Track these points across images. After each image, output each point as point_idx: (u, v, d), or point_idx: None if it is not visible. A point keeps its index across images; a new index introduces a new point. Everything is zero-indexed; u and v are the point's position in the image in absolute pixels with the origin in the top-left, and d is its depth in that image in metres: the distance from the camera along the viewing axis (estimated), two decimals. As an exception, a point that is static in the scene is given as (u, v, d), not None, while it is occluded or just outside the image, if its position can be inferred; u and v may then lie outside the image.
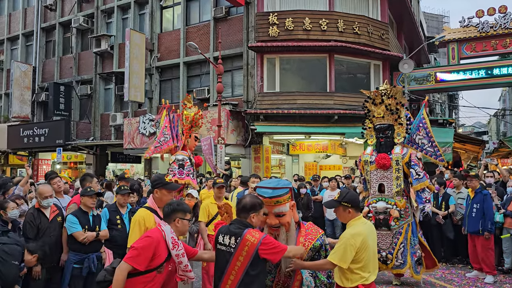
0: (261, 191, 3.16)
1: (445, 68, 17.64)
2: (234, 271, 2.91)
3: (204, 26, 16.84)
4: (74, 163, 22.05)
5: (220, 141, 12.66)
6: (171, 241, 3.11)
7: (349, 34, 14.98)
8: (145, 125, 16.02)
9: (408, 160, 6.02)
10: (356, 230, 3.24)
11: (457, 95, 42.57)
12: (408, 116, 6.41)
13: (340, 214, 3.41)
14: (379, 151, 6.19)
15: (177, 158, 6.56)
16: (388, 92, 6.19)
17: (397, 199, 6.02)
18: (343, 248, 3.14)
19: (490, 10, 17.66)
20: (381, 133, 6.20)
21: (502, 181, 8.48)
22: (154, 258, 3.03)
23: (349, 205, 3.31)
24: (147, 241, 3.04)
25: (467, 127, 57.88)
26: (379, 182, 6.17)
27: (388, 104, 6.16)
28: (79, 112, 20.55)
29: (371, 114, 6.36)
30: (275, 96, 15.04)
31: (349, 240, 3.16)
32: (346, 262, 3.13)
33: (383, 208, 5.98)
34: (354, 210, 3.34)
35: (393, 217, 5.96)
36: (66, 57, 21.08)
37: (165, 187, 3.75)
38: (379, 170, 6.13)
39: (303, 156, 17.60)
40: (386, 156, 6.04)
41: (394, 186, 6.03)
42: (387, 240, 5.96)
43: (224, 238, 3.01)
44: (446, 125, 15.72)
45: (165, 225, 3.19)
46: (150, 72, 17.89)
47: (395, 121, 6.19)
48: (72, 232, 4.61)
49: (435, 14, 47.74)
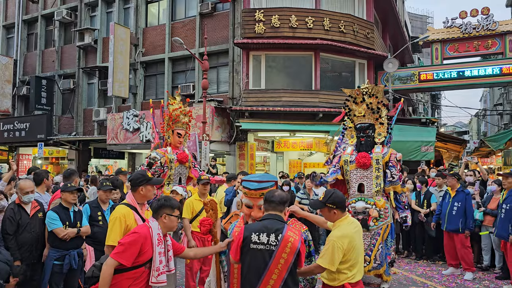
0: (247, 183, 3.15)
1: (428, 68, 17.89)
2: (277, 270, 2.76)
3: (190, 22, 16.71)
4: (56, 158, 21.70)
5: (204, 137, 12.60)
6: (157, 237, 3.09)
7: (335, 32, 15.05)
8: (129, 121, 15.85)
9: (388, 160, 5.98)
10: (342, 232, 3.24)
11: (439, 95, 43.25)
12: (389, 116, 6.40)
13: (326, 215, 3.40)
14: (360, 151, 6.10)
15: (151, 155, 6.58)
16: (370, 91, 6.12)
17: (377, 199, 5.96)
18: (331, 252, 3.14)
19: (473, 11, 17.97)
20: (362, 132, 6.13)
21: (482, 179, 8.65)
22: (141, 254, 3.01)
23: (334, 206, 3.31)
24: (133, 236, 3.02)
25: (449, 126, 58.87)
26: (358, 181, 6.10)
27: (369, 103, 6.09)
28: (61, 107, 20.21)
29: (352, 113, 6.29)
30: (261, 93, 15.03)
31: (336, 242, 3.16)
32: (334, 265, 3.14)
33: (362, 208, 5.90)
34: (340, 211, 3.33)
35: (372, 217, 5.88)
36: (49, 51, 20.69)
37: (149, 183, 3.70)
38: (359, 169, 6.04)
39: (288, 153, 17.64)
40: (367, 155, 5.96)
41: (374, 185, 5.97)
42: (365, 241, 5.82)
43: (261, 236, 2.80)
44: (429, 124, 15.91)
45: (153, 221, 3.16)
46: (134, 67, 17.68)
47: (376, 121, 6.14)
48: (52, 228, 4.54)
49: (420, 15, 48.35)
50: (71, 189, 4.73)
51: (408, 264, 8.05)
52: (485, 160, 22.15)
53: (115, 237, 3.38)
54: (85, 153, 19.35)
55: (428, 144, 13.27)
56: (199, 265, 5.67)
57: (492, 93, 47.56)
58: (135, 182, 3.69)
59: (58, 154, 21.21)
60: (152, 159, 6.66)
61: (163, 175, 6.75)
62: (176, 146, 7.16)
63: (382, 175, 5.99)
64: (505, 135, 16.30)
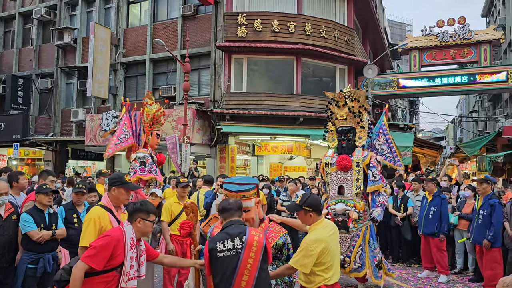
0: (228, 186, 3.18)
1: (407, 74, 18.27)
2: (247, 270, 2.82)
3: (172, 23, 16.63)
4: (32, 159, 21.22)
5: (185, 140, 12.54)
6: (129, 241, 3.02)
7: (316, 37, 15.21)
8: (108, 122, 15.63)
9: (369, 162, 6.06)
10: (316, 236, 3.27)
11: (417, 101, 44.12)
12: (370, 120, 6.49)
13: (302, 218, 3.43)
14: (340, 153, 6.19)
15: (137, 155, 6.48)
16: (352, 95, 6.20)
17: (356, 201, 6.03)
18: (303, 255, 3.18)
19: (450, 20, 18.45)
20: (343, 135, 6.21)
21: (457, 182, 8.85)
22: (113, 257, 2.95)
23: (310, 209, 3.34)
24: (106, 240, 2.96)
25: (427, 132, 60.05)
26: (339, 184, 6.16)
27: (351, 107, 6.17)
28: (38, 107, 19.80)
29: (334, 116, 6.36)
30: (242, 96, 15.06)
31: (310, 246, 3.19)
32: (307, 267, 3.18)
33: (342, 210, 5.96)
34: (316, 214, 3.37)
35: (351, 219, 5.93)
36: (26, 49, 20.26)
37: (123, 185, 3.66)
38: (339, 172, 6.13)
39: (268, 157, 17.71)
40: (347, 158, 6.04)
41: (354, 188, 6.05)
42: (345, 242, 5.89)
43: (225, 243, 2.85)
44: (407, 130, 16.25)
45: (128, 225, 3.11)
46: (115, 67, 17.47)
47: (357, 124, 6.21)
48: (26, 231, 4.43)
49: (399, 22, 49.27)
50: (46, 191, 4.63)
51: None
52: (460, 166, 22.68)
53: (89, 239, 3.32)
54: (63, 154, 18.98)
55: (406, 149, 13.53)
56: (177, 268, 5.63)
57: (468, 100, 48.81)
58: (110, 182, 3.68)
59: (35, 155, 20.75)
60: (143, 158, 6.55)
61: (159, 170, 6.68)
62: (153, 148, 7.11)
63: (362, 178, 6.07)
64: (479, 141, 16.78)
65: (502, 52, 29.02)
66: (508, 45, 26.91)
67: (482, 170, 14.81)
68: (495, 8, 32.88)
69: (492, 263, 6.17)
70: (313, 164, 17.68)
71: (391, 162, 6.47)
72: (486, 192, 6.40)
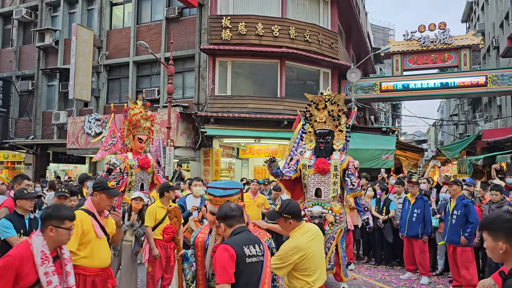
0: (212, 190, 3.14)
1: (389, 78, 18.51)
2: (266, 279, 2.76)
3: (155, 26, 16.53)
4: (12, 162, 20.76)
5: (169, 143, 12.46)
6: (40, 255, 2.70)
7: (300, 41, 15.32)
8: (91, 125, 15.44)
9: (346, 167, 6.12)
10: (294, 243, 3.27)
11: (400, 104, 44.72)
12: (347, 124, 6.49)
13: (282, 225, 3.43)
14: (318, 156, 6.20)
15: (110, 161, 6.49)
16: (332, 98, 6.24)
17: (333, 204, 6.07)
18: (280, 260, 3.21)
19: (431, 25, 18.78)
20: (322, 138, 6.23)
21: (438, 184, 9.01)
22: (20, 278, 2.64)
23: (289, 216, 3.33)
24: (6, 261, 2.63)
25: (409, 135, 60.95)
26: (316, 186, 6.18)
27: (330, 110, 6.20)
28: (18, 109, 19.43)
29: (313, 118, 6.37)
30: (226, 99, 15.05)
31: (286, 253, 3.22)
32: (281, 272, 3.23)
33: (319, 213, 5.99)
34: (295, 221, 3.36)
35: (328, 222, 5.98)
36: (6, 50, 19.87)
37: (105, 191, 3.63)
38: (317, 174, 6.14)
39: (253, 160, 17.71)
40: (326, 161, 6.07)
41: (331, 191, 6.07)
42: None
43: (251, 248, 2.72)
44: (389, 133, 16.46)
45: (37, 236, 2.77)
46: (97, 70, 17.27)
47: (335, 128, 6.27)
48: (5, 237, 4.33)
49: (382, 27, 49.96)
50: (28, 196, 4.54)
51: (368, 270, 8.25)
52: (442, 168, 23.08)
53: (72, 243, 3.27)
54: (44, 157, 18.66)
55: (388, 153, 13.71)
56: (161, 273, 5.58)
57: (449, 104, 49.71)
58: (93, 186, 3.68)
59: (14, 158, 20.31)
60: (112, 165, 6.57)
61: (122, 182, 6.64)
62: (137, 152, 7.06)
63: (339, 182, 6.11)
64: (460, 144, 17.12)
65: (481, 57, 29.67)
66: (487, 50, 27.54)
67: (463, 173, 15.13)
68: (475, 14, 33.62)
69: (466, 262, 6.38)
70: (297, 167, 17.76)
71: None
72: (457, 193, 6.63)
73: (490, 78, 16.39)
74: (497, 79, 16.32)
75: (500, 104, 23.68)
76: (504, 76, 16.30)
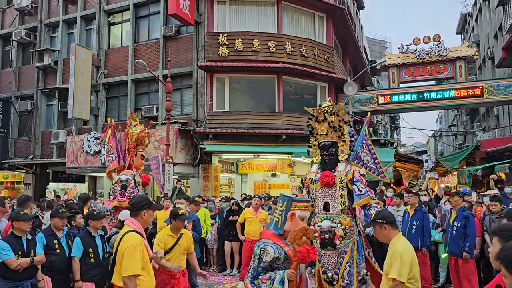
0: (300, 198, 3.75)
1: (386, 91, 18.64)
2: None
3: (153, 44, 16.71)
4: (12, 182, 20.76)
5: (168, 160, 12.48)
6: None
7: (297, 56, 15.47)
8: (90, 143, 15.48)
9: (352, 177, 5.91)
10: (404, 245, 3.77)
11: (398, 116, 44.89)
12: (352, 133, 6.36)
13: (378, 232, 3.82)
14: (324, 169, 6.04)
15: (120, 178, 6.45)
16: (331, 109, 6.11)
17: (342, 217, 5.85)
18: (400, 264, 3.56)
19: (426, 38, 18.99)
20: (325, 150, 6.08)
21: (437, 195, 9.00)
22: None
23: (383, 221, 3.72)
24: None
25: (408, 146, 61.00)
26: (324, 200, 6.02)
27: (330, 121, 6.07)
28: (18, 129, 19.51)
29: (315, 131, 6.24)
30: (224, 115, 15.13)
31: (403, 254, 3.62)
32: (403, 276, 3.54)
33: (328, 227, 5.80)
34: (390, 227, 3.78)
35: (338, 235, 5.78)
36: (5, 71, 20.05)
37: (151, 207, 3.64)
38: (324, 188, 5.97)
39: (252, 175, 17.71)
40: (330, 174, 5.92)
41: (338, 204, 5.89)
42: (332, 260, 5.74)
43: None
44: (388, 145, 16.51)
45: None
46: (96, 88, 17.40)
47: (338, 138, 6.08)
48: (3, 259, 4.32)
49: (378, 40, 50.51)
50: (25, 217, 4.54)
51: (369, 283, 8.18)
52: (442, 179, 23.07)
53: (138, 266, 3.26)
54: (43, 177, 18.66)
55: (387, 165, 13.71)
56: None
57: (447, 115, 49.91)
58: (138, 206, 3.53)
59: (14, 178, 20.31)
60: (125, 181, 6.54)
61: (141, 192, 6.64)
62: (138, 168, 7.10)
63: (346, 193, 5.92)
64: (458, 155, 17.13)
65: (477, 68, 29.91)
66: (482, 61, 27.78)
67: (462, 183, 15.10)
68: (469, 25, 34.01)
69: (469, 275, 6.36)
70: (297, 181, 17.75)
71: (374, 173, 6.41)
72: (458, 204, 6.62)
73: (486, 89, 16.51)
74: (493, 89, 16.44)
75: (498, 114, 23.78)
76: (500, 87, 16.42)
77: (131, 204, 3.59)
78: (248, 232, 8.19)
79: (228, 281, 8.58)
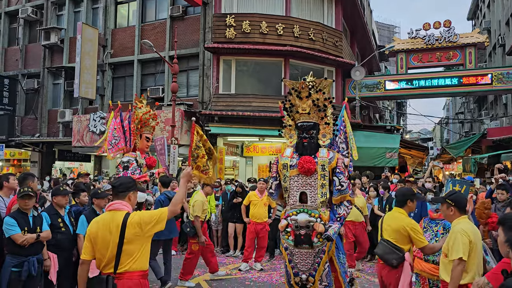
0: None
1: (393, 77, 18.45)
2: None
3: (160, 24, 16.59)
4: (18, 160, 20.95)
5: (173, 141, 12.52)
6: None
7: (304, 39, 15.31)
8: (96, 123, 15.54)
9: (335, 165, 4.99)
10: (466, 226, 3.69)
11: (405, 102, 44.58)
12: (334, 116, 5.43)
13: (444, 211, 3.86)
14: (301, 154, 5.01)
15: (122, 160, 6.47)
16: (317, 85, 5.09)
17: (322, 211, 4.87)
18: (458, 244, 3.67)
19: (436, 23, 18.69)
20: (305, 132, 5.06)
21: (441, 184, 8.99)
22: None
23: (452, 203, 3.73)
24: None
25: (414, 133, 60.71)
26: (300, 190, 4.97)
27: (315, 99, 5.07)
28: (24, 107, 19.60)
29: (295, 109, 5.20)
30: (230, 98, 15.08)
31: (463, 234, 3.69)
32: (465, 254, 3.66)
33: (305, 222, 4.79)
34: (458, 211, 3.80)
35: (316, 232, 4.78)
36: (12, 49, 20.03)
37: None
38: (301, 176, 4.96)
39: (257, 158, 17.75)
40: (312, 160, 4.90)
41: (319, 195, 4.89)
42: (308, 259, 4.80)
43: None
44: (394, 132, 16.42)
45: None
46: (102, 68, 17.36)
47: (321, 120, 5.14)
48: (10, 234, 4.39)
49: (387, 24, 49.78)
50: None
51: (371, 268, 8.27)
52: (447, 166, 23.01)
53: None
54: (49, 155, 18.81)
55: (393, 151, 13.70)
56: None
57: (454, 102, 49.48)
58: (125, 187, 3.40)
59: (21, 156, 20.50)
60: (127, 162, 6.54)
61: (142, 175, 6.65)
62: (143, 151, 7.11)
63: (328, 184, 5.00)
64: (465, 143, 17.05)
65: (487, 55, 29.48)
66: (493, 48, 27.36)
67: (467, 171, 15.06)
68: (481, 11, 33.40)
69: None
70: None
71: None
72: None
73: (496, 76, 16.29)
74: (502, 77, 16.22)
75: (506, 102, 23.52)
76: (510, 74, 16.20)
77: (118, 185, 3.36)
78: (252, 214, 8.25)
79: (231, 262, 8.71)
